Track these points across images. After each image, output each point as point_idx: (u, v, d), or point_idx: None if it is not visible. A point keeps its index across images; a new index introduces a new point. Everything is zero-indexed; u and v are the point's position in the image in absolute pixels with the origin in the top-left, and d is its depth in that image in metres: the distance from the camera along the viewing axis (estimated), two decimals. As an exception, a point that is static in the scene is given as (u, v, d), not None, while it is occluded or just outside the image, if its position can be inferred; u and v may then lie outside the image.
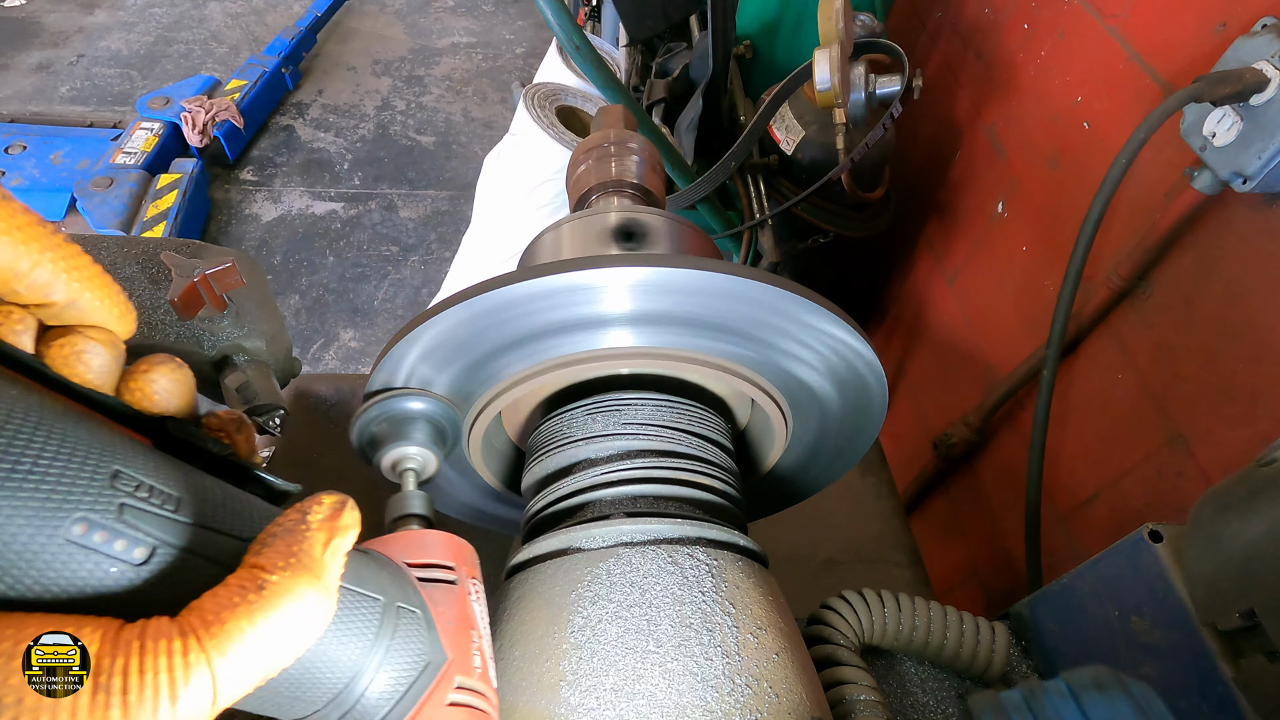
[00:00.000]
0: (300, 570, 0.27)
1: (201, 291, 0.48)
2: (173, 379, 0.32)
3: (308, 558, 0.27)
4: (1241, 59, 0.81)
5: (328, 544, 0.28)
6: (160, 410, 0.31)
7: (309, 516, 0.29)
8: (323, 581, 0.27)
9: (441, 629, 0.36)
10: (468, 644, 0.37)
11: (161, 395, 0.31)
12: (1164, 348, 1.00)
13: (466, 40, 3.91)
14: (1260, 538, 0.47)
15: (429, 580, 0.38)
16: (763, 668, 0.43)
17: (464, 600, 0.39)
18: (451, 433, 0.52)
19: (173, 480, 0.27)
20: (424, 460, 0.49)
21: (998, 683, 0.64)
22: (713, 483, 0.55)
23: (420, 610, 0.36)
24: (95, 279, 0.28)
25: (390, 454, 0.48)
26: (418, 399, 0.50)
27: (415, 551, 0.39)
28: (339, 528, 0.29)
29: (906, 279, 1.86)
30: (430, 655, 0.35)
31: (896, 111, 1.21)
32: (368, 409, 0.49)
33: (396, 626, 0.33)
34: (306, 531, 0.28)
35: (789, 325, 0.50)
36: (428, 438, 0.49)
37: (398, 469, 0.48)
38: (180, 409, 0.32)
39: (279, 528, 0.28)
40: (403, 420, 0.49)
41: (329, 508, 0.29)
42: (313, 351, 2.40)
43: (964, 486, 1.52)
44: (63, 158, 2.65)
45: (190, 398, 0.33)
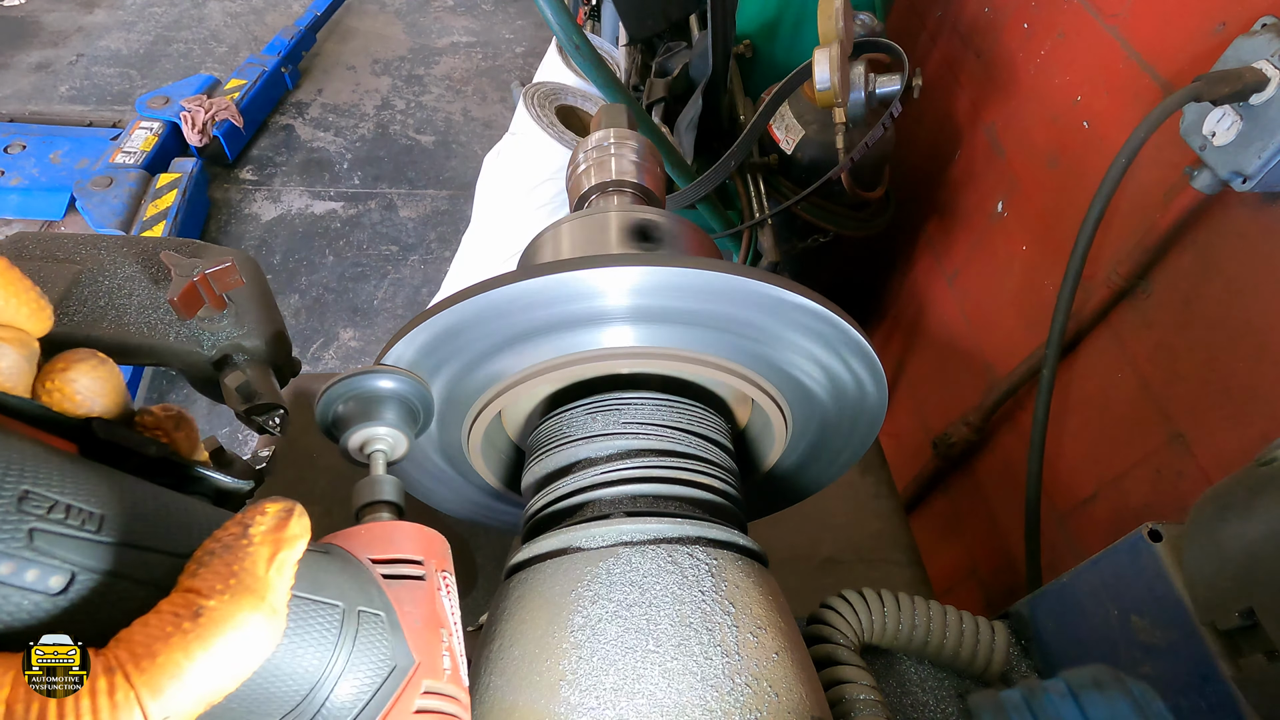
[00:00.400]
0: (241, 592, 0.24)
1: (201, 291, 0.47)
2: (95, 376, 0.29)
3: (250, 577, 0.25)
4: (1241, 58, 0.81)
5: (272, 559, 0.26)
6: (84, 412, 0.28)
7: (251, 529, 0.26)
8: (268, 602, 0.25)
9: (408, 630, 0.34)
10: (436, 644, 0.35)
11: (84, 395, 0.28)
12: (1164, 347, 1.00)
13: (466, 39, 3.90)
14: (1260, 537, 0.47)
15: (395, 577, 0.36)
16: (762, 667, 0.43)
17: (432, 597, 0.37)
18: (424, 412, 0.49)
19: (95, 495, 0.25)
20: (394, 441, 0.46)
21: (997, 682, 0.64)
22: (712, 482, 0.55)
23: (384, 612, 0.34)
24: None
25: (357, 434, 0.46)
26: (386, 377, 0.47)
27: (381, 545, 0.37)
28: (285, 539, 0.26)
29: (906, 278, 1.86)
30: (396, 659, 0.33)
31: (896, 111, 1.21)
32: (332, 385, 0.46)
33: (358, 631, 0.31)
34: (248, 546, 0.25)
35: (788, 325, 0.50)
36: (398, 417, 0.47)
37: (365, 450, 0.46)
38: (107, 408, 0.29)
39: (217, 543, 0.26)
40: (370, 399, 0.46)
41: (273, 517, 0.27)
42: (313, 351, 2.40)
43: (963, 486, 1.52)
44: (62, 157, 2.65)
45: (118, 395, 0.30)
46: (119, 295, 0.49)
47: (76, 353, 0.29)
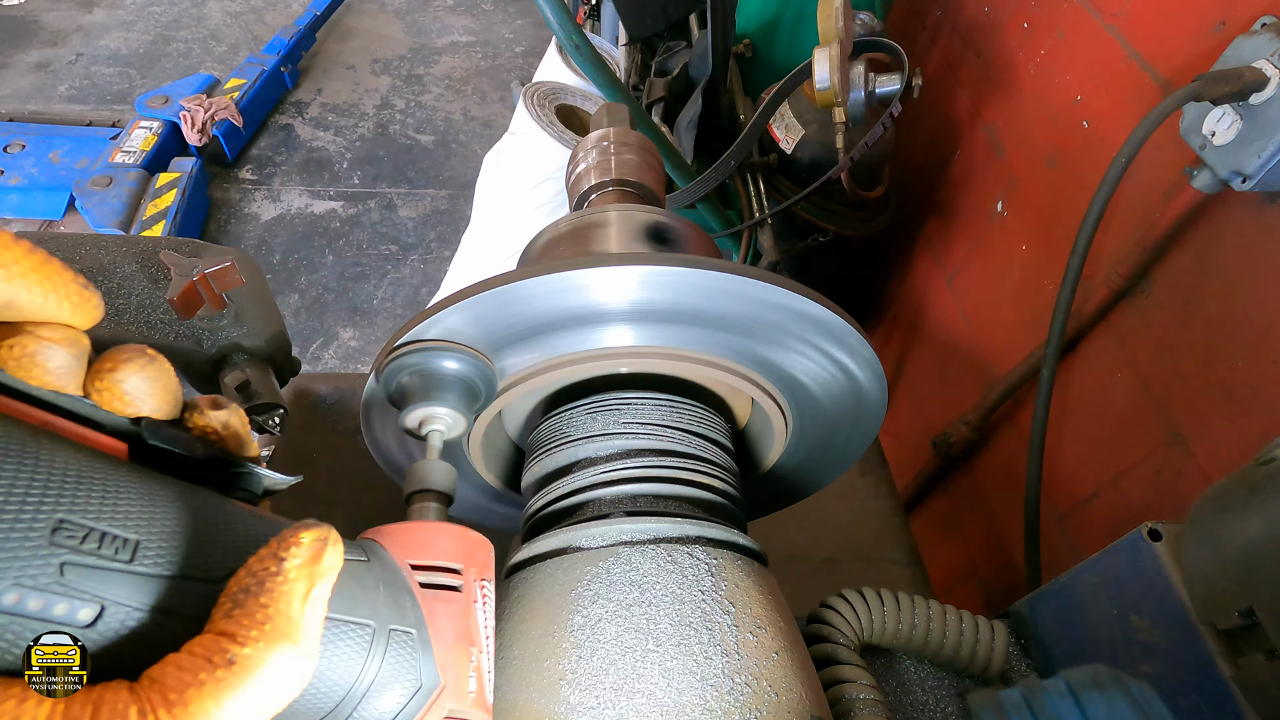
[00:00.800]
0: (276, 637, 0.24)
1: (201, 290, 0.47)
2: (144, 375, 0.28)
3: (284, 620, 0.24)
4: (1241, 58, 0.81)
5: (307, 595, 0.25)
6: (134, 412, 0.28)
7: (286, 564, 0.25)
8: (302, 645, 0.24)
9: (438, 647, 0.33)
10: (464, 664, 0.34)
11: (132, 395, 0.28)
12: (1163, 346, 1.00)
13: (466, 39, 3.90)
14: (1259, 536, 0.47)
15: (432, 586, 0.35)
16: (762, 666, 0.43)
17: (467, 610, 0.36)
18: (485, 392, 0.49)
19: (131, 517, 0.24)
20: (452, 422, 0.46)
21: (997, 681, 0.64)
22: (712, 482, 0.55)
23: (416, 629, 0.33)
24: (34, 271, 0.24)
25: (417, 412, 0.45)
26: (454, 358, 0.46)
27: (422, 549, 0.36)
28: (319, 573, 0.26)
29: (906, 278, 1.86)
30: (422, 679, 0.32)
31: (896, 110, 1.21)
32: (399, 356, 0.45)
33: (387, 651, 0.31)
34: (283, 584, 0.25)
35: (788, 324, 0.50)
36: (459, 398, 0.46)
37: (423, 429, 0.46)
38: (158, 407, 0.28)
39: (252, 578, 0.25)
40: (435, 376, 0.46)
41: (308, 549, 0.26)
42: (312, 350, 2.40)
43: (963, 485, 1.52)
44: (62, 156, 2.64)
45: (168, 393, 0.29)
46: (119, 295, 0.49)
47: (125, 350, 0.28)
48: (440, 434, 0.46)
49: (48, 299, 0.24)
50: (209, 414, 0.30)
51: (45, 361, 0.25)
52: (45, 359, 0.25)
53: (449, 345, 0.46)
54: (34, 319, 0.25)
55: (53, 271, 0.25)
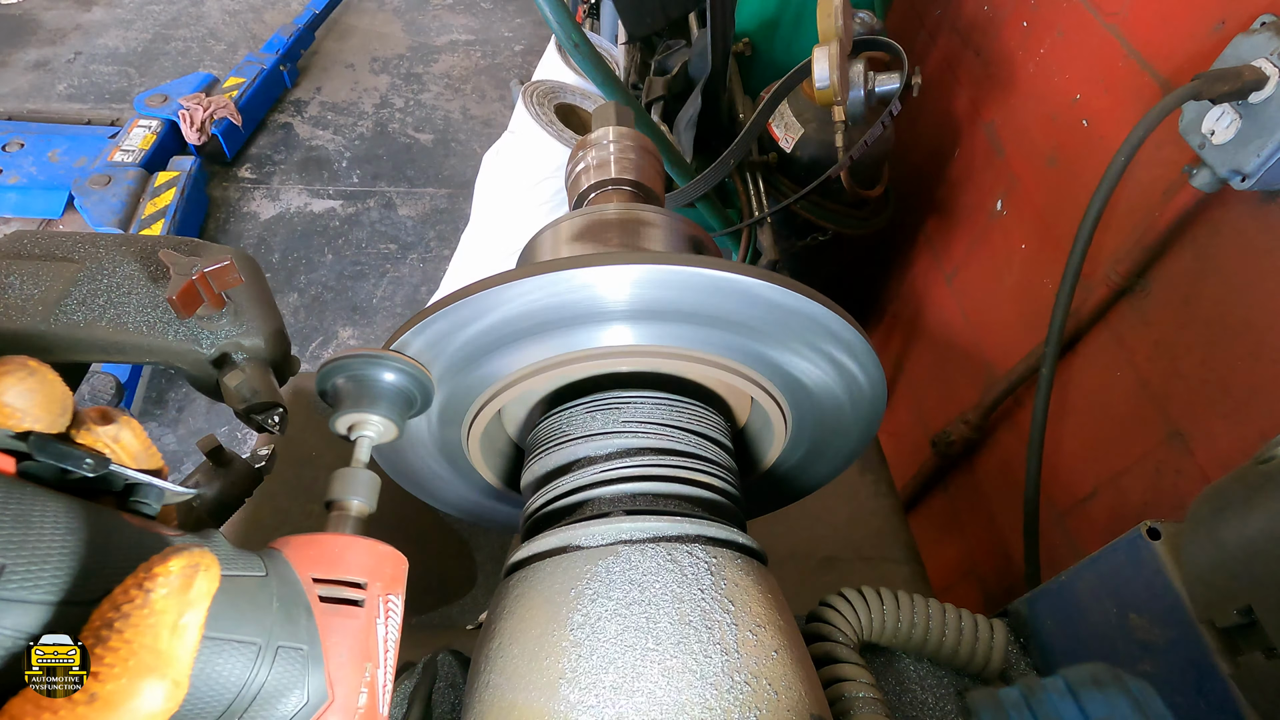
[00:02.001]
0: (140, 671, 0.23)
1: (200, 289, 0.47)
2: (24, 389, 0.27)
3: (149, 653, 0.23)
4: (1240, 57, 0.81)
5: (175, 626, 0.24)
6: (15, 425, 0.27)
7: (152, 595, 0.24)
8: (168, 677, 0.24)
9: (332, 662, 0.34)
10: (357, 679, 0.35)
11: (15, 408, 0.26)
12: (1162, 345, 1.00)
13: (465, 38, 3.90)
14: (1258, 535, 0.47)
15: (333, 600, 0.35)
16: (762, 665, 0.43)
17: (367, 626, 0.36)
18: (422, 400, 0.50)
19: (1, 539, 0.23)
20: (383, 429, 0.47)
21: (996, 680, 0.64)
22: (712, 480, 0.55)
23: (307, 645, 0.33)
24: None
25: (347, 417, 0.46)
26: (388, 368, 0.47)
27: (328, 564, 0.36)
28: (189, 602, 0.25)
29: (905, 277, 1.86)
30: (309, 694, 0.32)
31: (895, 109, 1.21)
32: (335, 361, 0.46)
33: (273, 667, 0.31)
34: (148, 616, 0.24)
35: (788, 323, 0.50)
36: (391, 406, 0.47)
37: (353, 433, 0.46)
38: (42, 420, 0.27)
39: (115, 611, 0.24)
40: (367, 383, 0.47)
41: (178, 576, 0.25)
42: (312, 349, 2.40)
43: (962, 484, 1.52)
44: (60, 155, 2.64)
45: (53, 404, 0.28)
46: (118, 294, 0.49)
47: (5, 363, 0.27)
48: (369, 440, 0.46)
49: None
50: (96, 429, 0.30)
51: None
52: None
53: (385, 354, 0.47)
54: None
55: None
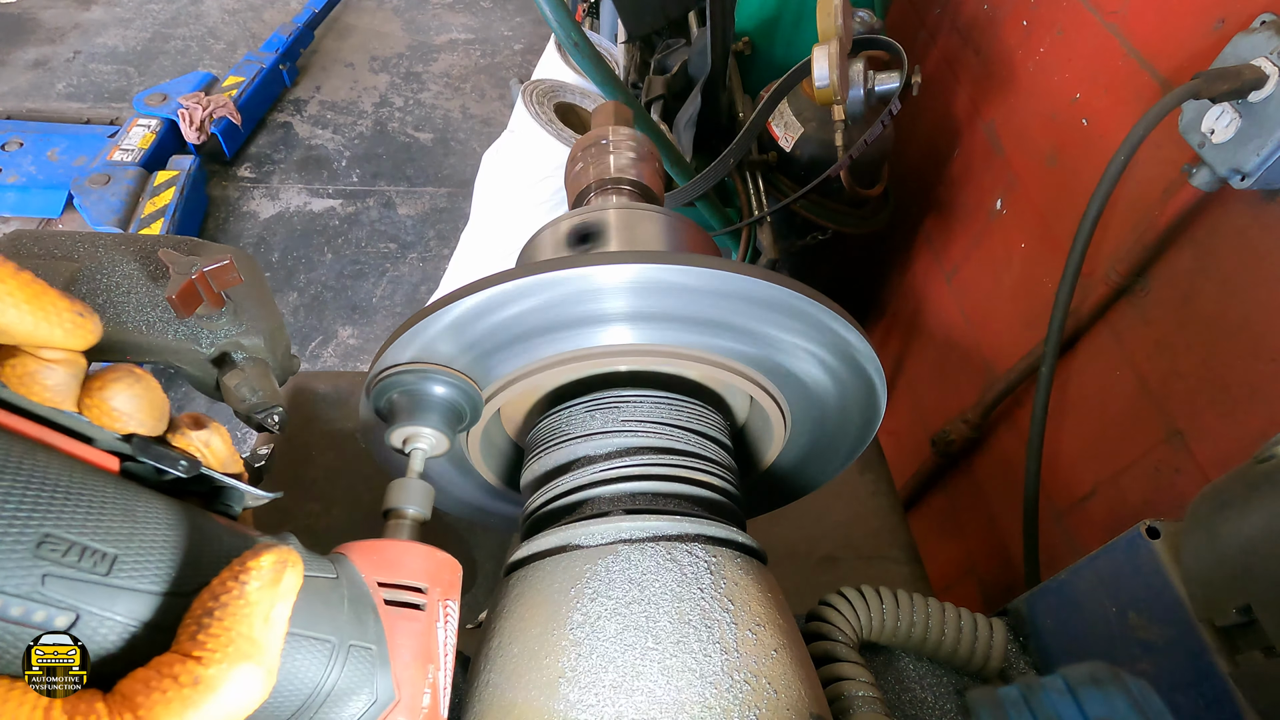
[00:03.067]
0: (238, 657, 0.25)
1: (199, 289, 0.47)
2: (131, 394, 0.30)
3: (245, 641, 0.26)
4: (1240, 56, 0.81)
5: (267, 616, 0.27)
6: (122, 428, 0.29)
7: (246, 586, 0.27)
8: (263, 664, 0.26)
9: (396, 663, 0.35)
10: (420, 680, 0.36)
11: (122, 412, 0.29)
12: (1162, 344, 1.01)
13: (464, 37, 3.89)
14: (1257, 534, 0.48)
15: (397, 604, 0.37)
16: (761, 664, 0.44)
17: (429, 629, 0.37)
18: (470, 414, 0.51)
19: (111, 533, 0.26)
20: (436, 442, 0.48)
21: (996, 679, 0.65)
22: (711, 480, 0.55)
23: (375, 645, 0.34)
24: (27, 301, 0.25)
25: (402, 430, 0.48)
26: (441, 382, 0.49)
27: (390, 568, 0.37)
28: (279, 595, 0.27)
29: (905, 276, 1.86)
30: (376, 693, 0.34)
31: (895, 108, 1.21)
32: (389, 376, 0.48)
33: (345, 664, 0.32)
34: (244, 607, 0.26)
35: (787, 322, 0.50)
36: (443, 420, 0.49)
37: (406, 446, 0.48)
38: (144, 423, 0.30)
39: (215, 601, 0.26)
40: (421, 397, 0.49)
41: (269, 571, 0.28)
42: (311, 349, 2.40)
43: (962, 483, 1.52)
44: (60, 154, 2.64)
45: (155, 410, 0.31)
46: (117, 293, 0.49)
47: (115, 370, 0.30)
48: (423, 452, 0.48)
49: (39, 325, 0.26)
50: (189, 434, 0.33)
51: (45, 379, 0.27)
52: (45, 377, 0.27)
53: (439, 368, 0.49)
54: (25, 344, 0.26)
55: (48, 301, 0.26)
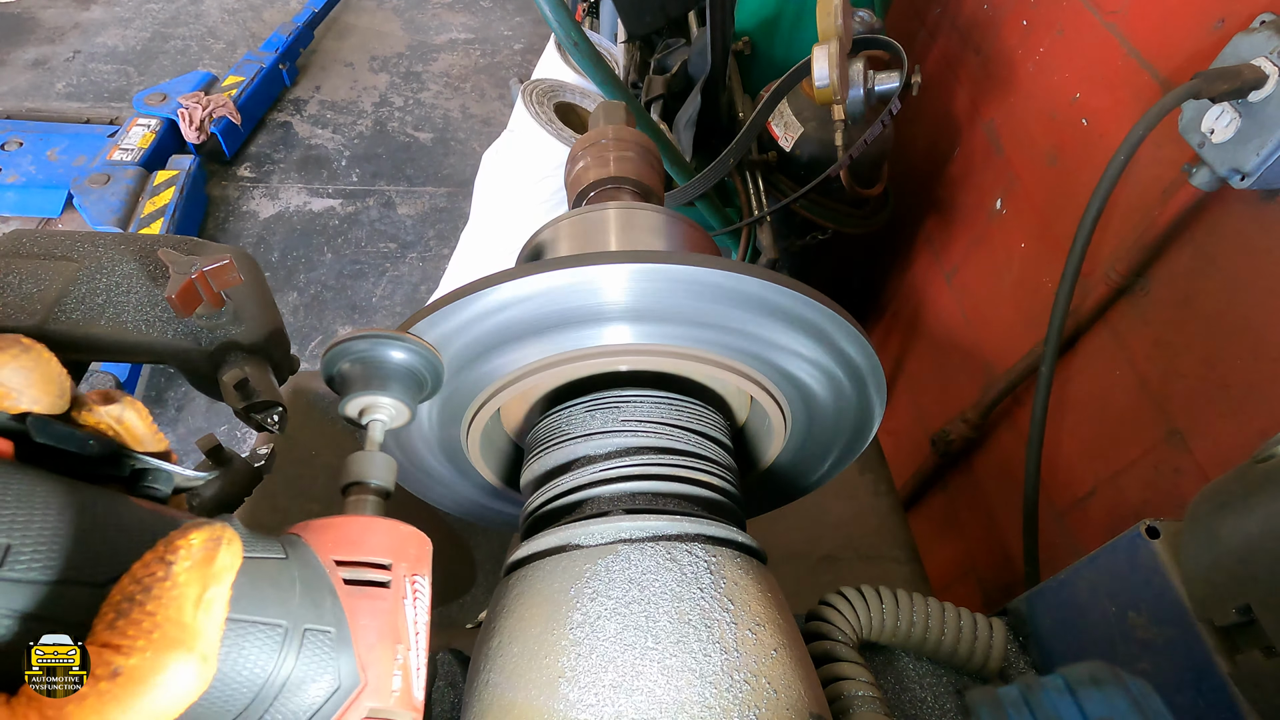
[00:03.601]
0: (165, 645, 0.22)
1: (199, 288, 0.47)
2: (17, 367, 0.26)
3: (174, 626, 0.22)
4: (1240, 55, 0.81)
5: (200, 599, 0.23)
6: (11, 405, 0.26)
7: (174, 567, 0.23)
8: (197, 650, 0.23)
9: (361, 645, 0.32)
10: (389, 662, 0.33)
11: (9, 387, 0.25)
12: (1162, 344, 1.01)
13: (464, 36, 3.89)
14: (1257, 533, 0.48)
15: (358, 582, 0.34)
16: (761, 664, 0.44)
17: (394, 608, 0.35)
18: (432, 381, 0.48)
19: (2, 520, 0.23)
20: (395, 412, 0.45)
21: (995, 678, 0.65)
22: (711, 479, 0.55)
23: (335, 628, 0.32)
24: None
25: (357, 400, 0.45)
26: (396, 346, 0.45)
27: (350, 545, 0.35)
28: (213, 575, 0.24)
29: (905, 276, 1.86)
30: (340, 679, 0.31)
31: (895, 108, 1.21)
32: (339, 344, 0.44)
33: (300, 651, 0.30)
34: (171, 589, 0.23)
35: (787, 322, 0.50)
36: (402, 388, 0.45)
37: (363, 418, 0.45)
38: (39, 400, 0.26)
39: (137, 585, 0.23)
40: (376, 365, 0.45)
41: (200, 549, 0.24)
42: (311, 349, 2.40)
43: (962, 483, 1.52)
44: (59, 154, 2.64)
45: (50, 386, 0.27)
46: (117, 293, 0.49)
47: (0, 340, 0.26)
48: (382, 424, 0.45)
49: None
50: (98, 409, 0.29)
51: None
52: None
53: (392, 334, 0.45)
54: None
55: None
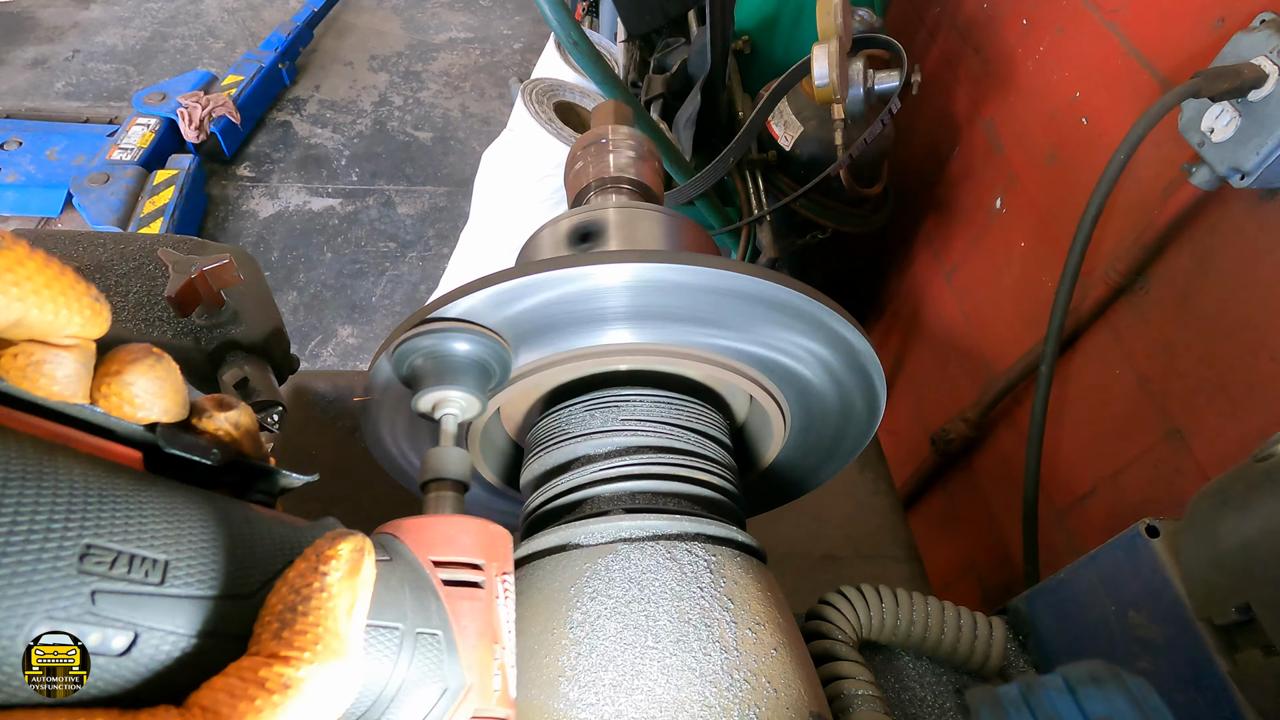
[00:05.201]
0: (328, 655, 0.23)
1: (199, 288, 0.47)
2: (152, 376, 0.26)
3: (333, 637, 0.23)
4: (1240, 54, 0.81)
5: (351, 609, 0.24)
6: (145, 416, 0.26)
7: (328, 578, 0.24)
8: (350, 660, 0.24)
9: (463, 647, 0.33)
10: (489, 662, 0.34)
11: (143, 398, 0.26)
12: (1161, 343, 1.01)
13: (464, 35, 3.89)
14: (1256, 533, 0.48)
15: (455, 583, 0.34)
16: (761, 663, 0.44)
17: (489, 608, 0.35)
18: (500, 372, 0.48)
19: (159, 536, 0.23)
20: (466, 404, 0.45)
21: (995, 677, 0.65)
22: (711, 478, 0.55)
23: (441, 630, 0.32)
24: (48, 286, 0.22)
25: (430, 395, 0.45)
26: (465, 339, 0.45)
27: (443, 545, 0.34)
28: (359, 585, 0.25)
29: (905, 275, 1.86)
30: (447, 680, 0.31)
31: (895, 107, 1.20)
32: (410, 339, 0.44)
33: (414, 654, 0.30)
34: (328, 600, 0.24)
35: (787, 321, 0.50)
36: (473, 381, 0.45)
37: (436, 411, 0.45)
38: (168, 409, 0.27)
39: (296, 595, 0.24)
40: (447, 359, 0.45)
41: (348, 561, 0.25)
42: (311, 348, 2.40)
43: (962, 482, 1.53)
44: (59, 154, 2.64)
45: (178, 394, 0.27)
46: (116, 292, 0.49)
47: (131, 350, 0.26)
48: (454, 417, 0.45)
49: (59, 315, 0.23)
50: (218, 416, 0.29)
51: (53, 370, 0.23)
52: (52, 368, 0.23)
53: (461, 325, 0.45)
54: (43, 337, 0.23)
55: (67, 285, 0.23)
